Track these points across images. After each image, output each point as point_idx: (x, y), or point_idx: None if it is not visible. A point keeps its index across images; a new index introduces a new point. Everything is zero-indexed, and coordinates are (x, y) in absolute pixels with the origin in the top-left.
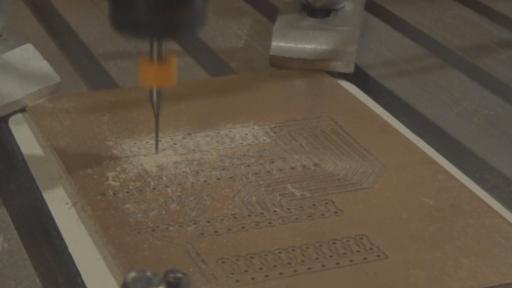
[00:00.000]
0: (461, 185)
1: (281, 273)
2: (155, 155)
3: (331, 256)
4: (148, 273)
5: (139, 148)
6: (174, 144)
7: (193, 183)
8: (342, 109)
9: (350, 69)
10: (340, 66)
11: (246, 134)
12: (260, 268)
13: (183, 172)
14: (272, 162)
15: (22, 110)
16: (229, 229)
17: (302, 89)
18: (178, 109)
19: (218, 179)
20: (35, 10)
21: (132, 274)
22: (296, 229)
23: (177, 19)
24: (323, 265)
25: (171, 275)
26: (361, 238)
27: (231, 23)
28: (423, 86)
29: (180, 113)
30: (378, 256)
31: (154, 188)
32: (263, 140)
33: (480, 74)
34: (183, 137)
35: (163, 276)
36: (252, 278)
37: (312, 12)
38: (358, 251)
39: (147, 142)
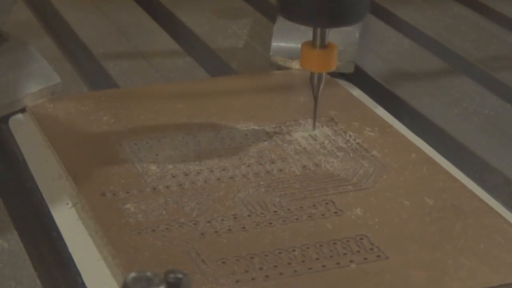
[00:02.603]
0: (461, 185)
1: (281, 273)
2: (156, 155)
3: (331, 256)
4: (149, 274)
5: (139, 148)
6: (174, 144)
7: (193, 183)
8: (342, 109)
9: (350, 69)
10: (340, 66)
11: (246, 134)
12: (261, 268)
13: (183, 172)
14: (272, 163)
15: (22, 110)
16: (229, 229)
17: (302, 89)
18: (178, 109)
19: (218, 179)
20: (35, 10)
21: (133, 275)
22: (296, 229)
23: (342, 9)
24: (324, 265)
25: (172, 275)
26: (362, 238)
27: (231, 23)
28: (423, 86)
29: (180, 113)
30: (378, 256)
31: (154, 188)
32: (263, 140)
33: (481, 74)
34: (183, 137)
35: (164, 276)
36: (253, 279)
37: None
38: (358, 251)
39: (147, 142)
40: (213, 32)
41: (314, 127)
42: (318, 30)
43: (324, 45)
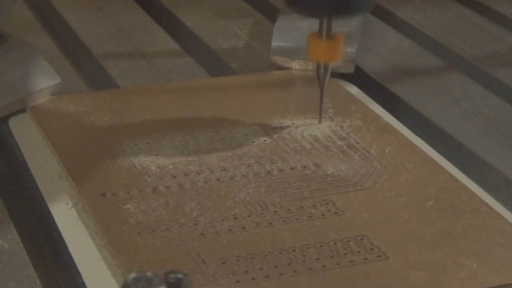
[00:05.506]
0: (462, 185)
1: (281, 274)
2: (156, 155)
3: (331, 256)
4: (149, 274)
5: (139, 148)
6: (175, 144)
7: (193, 183)
8: (342, 109)
9: (350, 69)
10: (340, 66)
11: (246, 135)
12: (261, 269)
13: (183, 172)
14: (273, 163)
15: (22, 110)
16: (229, 230)
17: (302, 89)
18: (178, 109)
19: (219, 179)
20: (35, 10)
21: (133, 275)
22: (296, 230)
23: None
24: (324, 266)
25: (172, 275)
26: (362, 239)
27: (231, 23)
28: (423, 86)
29: (180, 113)
30: (378, 256)
31: (154, 189)
32: (264, 140)
33: (481, 74)
34: (183, 137)
35: (164, 276)
36: (253, 279)
37: None
38: (358, 252)
39: (147, 142)
40: (213, 32)
41: (320, 120)
42: (325, 21)
43: (330, 36)
